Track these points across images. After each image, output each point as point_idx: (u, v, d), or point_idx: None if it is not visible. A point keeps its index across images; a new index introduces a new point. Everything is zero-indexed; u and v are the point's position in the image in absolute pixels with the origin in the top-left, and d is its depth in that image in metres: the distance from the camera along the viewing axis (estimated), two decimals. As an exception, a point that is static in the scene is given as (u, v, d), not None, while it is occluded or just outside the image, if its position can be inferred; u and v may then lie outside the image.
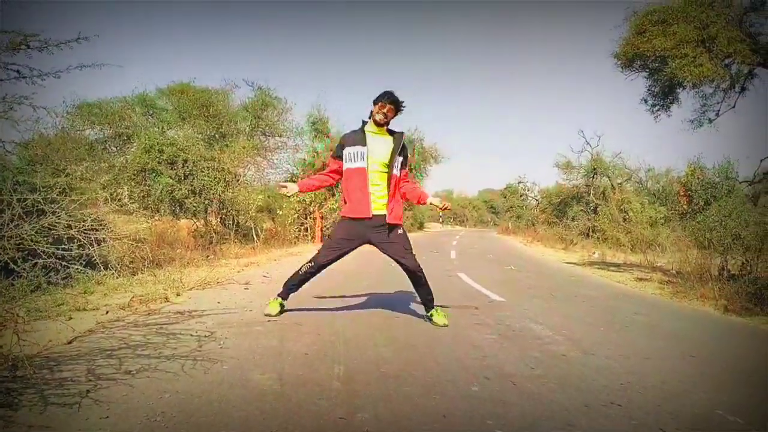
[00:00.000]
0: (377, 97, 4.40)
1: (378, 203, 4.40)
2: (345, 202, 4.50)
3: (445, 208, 4.68)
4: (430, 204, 4.73)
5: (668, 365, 3.63)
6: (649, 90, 11.04)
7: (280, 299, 4.70)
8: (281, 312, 4.67)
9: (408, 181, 4.69)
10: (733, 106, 10.51)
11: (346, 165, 4.47)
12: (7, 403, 2.34)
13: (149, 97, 16.03)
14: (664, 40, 9.11)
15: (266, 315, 4.59)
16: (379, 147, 4.43)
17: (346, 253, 4.56)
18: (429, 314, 4.67)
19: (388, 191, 4.42)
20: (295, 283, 4.69)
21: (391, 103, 4.38)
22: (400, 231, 4.52)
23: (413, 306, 5.42)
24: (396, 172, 4.46)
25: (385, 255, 4.59)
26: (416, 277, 4.61)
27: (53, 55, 2.88)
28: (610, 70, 11.08)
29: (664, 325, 5.28)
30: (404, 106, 4.48)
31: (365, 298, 5.91)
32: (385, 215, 4.40)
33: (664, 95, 10.89)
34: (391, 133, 4.51)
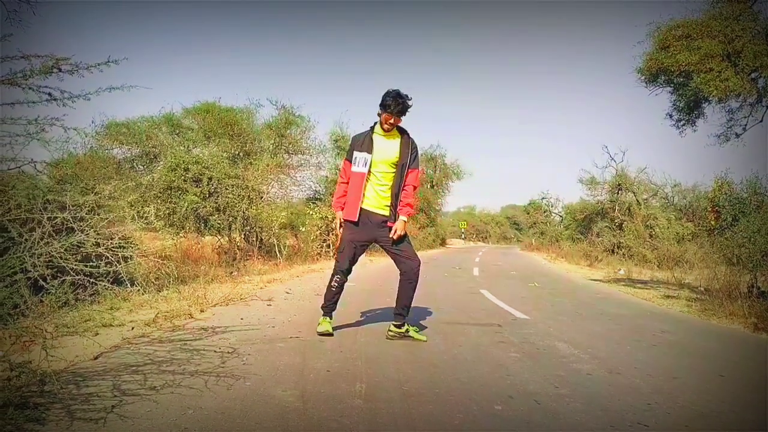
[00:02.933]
0: (382, 104, 4.33)
1: (381, 204, 4.44)
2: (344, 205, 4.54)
3: (394, 233, 4.43)
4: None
5: (697, 385, 3.55)
6: (674, 105, 10.92)
7: (327, 318, 4.68)
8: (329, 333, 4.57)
9: (409, 186, 4.49)
10: (761, 120, 10.32)
11: (353, 168, 4.47)
12: (34, 418, 2.38)
13: (175, 116, 16.35)
14: (689, 54, 9.02)
15: (320, 334, 4.53)
16: (386, 148, 4.43)
17: (360, 253, 4.63)
18: (393, 330, 4.63)
19: (392, 192, 4.42)
20: (331, 300, 4.67)
21: (398, 114, 4.33)
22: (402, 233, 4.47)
23: (434, 323, 5.39)
24: (402, 172, 4.42)
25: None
26: (408, 279, 4.59)
27: (83, 77, 2.97)
28: (634, 85, 10.98)
29: (693, 343, 5.17)
30: (411, 104, 4.37)
31: (386, 314, 5.89)
32: (388, 216, 4.42)
33: (689, 110, 10.75)
34: (401, 132, 4.49)
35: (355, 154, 4.47)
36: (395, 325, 4.61)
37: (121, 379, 3.04)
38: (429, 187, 32.35)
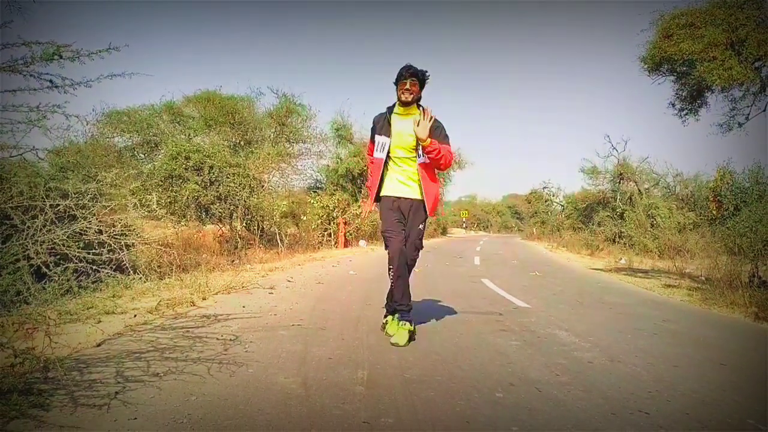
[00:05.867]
0: (397, 77, 4.07)
1: (410, 185, 4.20)
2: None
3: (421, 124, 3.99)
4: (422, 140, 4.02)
5: (697, 373, 3.56)
6: (676, 94, 10.89)
7: (409, 324, 4.13)
8: (411, 339, 4.06)
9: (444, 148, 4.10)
10: (764, 110, 10.28)
11: (375, 153, 4.27)
12: (38, 404, 2.40)
13: (176, 105, 16.34)
14: (692, 43, 8.97)
15: (394, 344, 3.93)
16: (404, 129, 4.12)
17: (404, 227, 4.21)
18: (385, 320, 4.43)
19: (419, 173, 4.16)
20: (401, 294, 4.18)
21: (412, 76, 4.02)
22: (424, 214, 4.24)
23: (438, 313, 5.41)
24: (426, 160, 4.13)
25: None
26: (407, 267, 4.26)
27: (84, 64, 2.96)
28: (637, 74, 10.93)
29: (693, 332, 5.18)
30: (428, 75, 4.12)
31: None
32: (415, 198, 4.20)
33: (692, 99, 10.72)
34: (421, 108, 4.13)
35: (377, 138, 4.24)
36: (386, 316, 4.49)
37: (124, 366, 3.06)
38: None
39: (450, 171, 33.24)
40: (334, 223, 16.89)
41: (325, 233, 16.67)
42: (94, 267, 2.93)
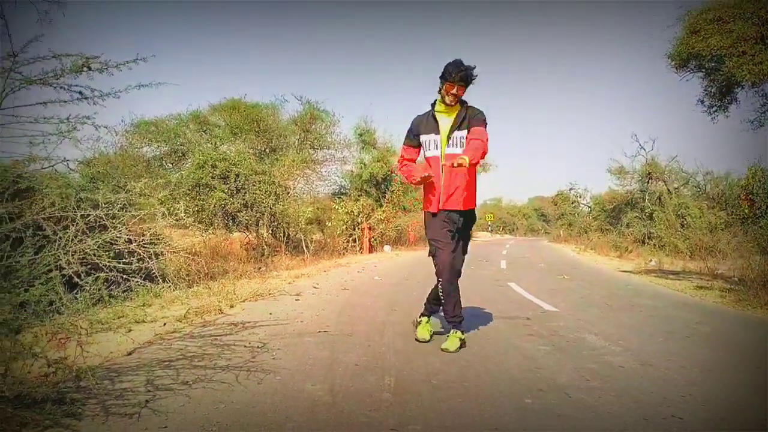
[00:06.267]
0: (444, 73, 3.91)
1: (457, 191, 4.02)
2: (426, 195, 4.17)
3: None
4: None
5: (732, 377, 3.47)
6: (705, 90, 10.65)
7: (460, 333, 4.09)
8: (461, 346, 4.01)
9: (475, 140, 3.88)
10: (797, 105, 10.02)
11: (426, 153, 4.10)
12: (71, 413, 2.44)
13: (202, 113, 16.58)
14: (721, 38, 8.77)
15: (430, 343, 4.11)
16: (445, 127, 4.02)
17: (455, 245, 4.09)
18: (419, 319, 4.42)
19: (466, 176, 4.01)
20: (451, 305, 4.11)
21: (461, 81, 3.88)
22: (471, 221, 4.20)
23: (465, 317, 5.37)
24: (458, 150, 3.93)
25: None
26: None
27: (113, 75, 3.01)
28: (664, 71, 10.74)
29: (727, 334, 5.06)
30: (476, 75, 3.94)
31: (413, 308, 5.88)
32: (461, 210, 4.06)
33: (721, 95, 10.48)
34: (462, 105, 4.04)
35: (423, 137, 4.10)
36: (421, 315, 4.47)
37: (154, 375, 3.10)
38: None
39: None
40: (358, 228, 16.94)
41: (350, 239, 16.72)
42: (124, 276, 2.98)
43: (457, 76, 3.86)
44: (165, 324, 4.57)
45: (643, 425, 2.53)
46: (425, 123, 4.10)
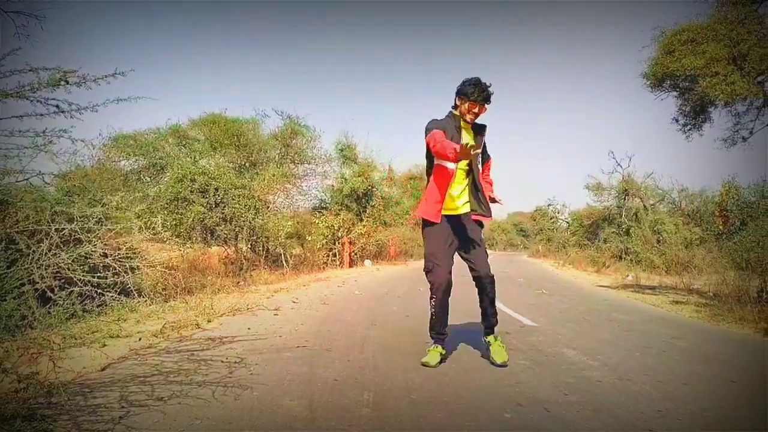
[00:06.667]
0: (465, 91, 3.89)
1: (464, 200, 4.04)
2: (424, 201, 4.08)
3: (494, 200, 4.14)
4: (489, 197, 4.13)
5: (708, 391, 3.51)
6: (680, 109, 10.89)
7: (439, 347, 4.09)
8: (441, 361, 4.01)
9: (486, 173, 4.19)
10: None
11: (439, 162, 3.94)
12: (42, 430, 2.38)
13: (182, 128, 16.47)
14: (694, 59, 9.00)
15: (423, 364, 3.93)
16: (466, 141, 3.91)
17: (451, 259, 4.11)
18: (487, 340, 4.23)
19: (470, 187, 4.03)
20: (438, 323, 4.16)
21: (484, 101, 3.89)
22: (480, 228, 4.15)
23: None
24: (479, 167, 4.06)
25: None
26: (482, 285, 4.25)
27: (91, 89, 2.99)
28: (640, 90, 10.95)
29: (703, 349, 5.12)
30: (492, 91, 3.91)
31: (394, 323, 5.87)
32: (469, 213, 4.06)
33: (695, 114, 10.72)
34: (474, 126, 4.06)
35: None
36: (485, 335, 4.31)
37: (128, 390, 3.04)
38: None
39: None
40: (339, 243, 16.89)
41: (330, 253, 16.66)
42: (98, 290, 2.93)
43: (481, 96, 3.85)
44: (140, 339, 4.50)
45: (620, 439, 2.54)
46: (451, 128, 3.92)
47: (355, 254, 17.47)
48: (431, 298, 4.10)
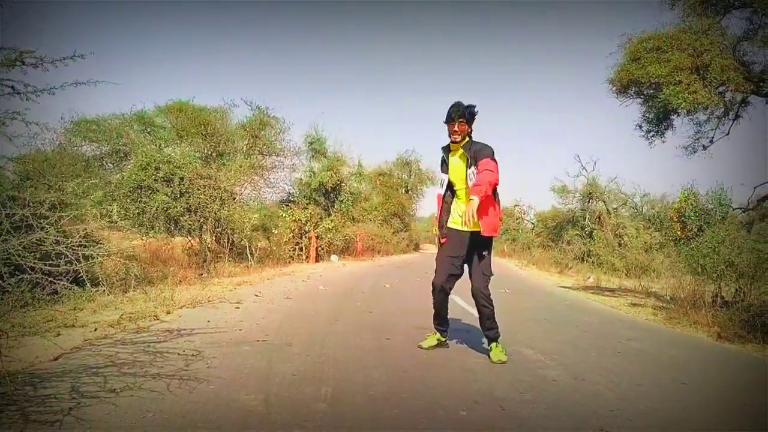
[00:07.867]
0: (446, 117, 4.21)
1: (462, 220, 4.21)
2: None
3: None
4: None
5: (660, 392, 3.60)
6: (644, 116, 11.12)
7: (437, 335, 4.66)
8: (438, 345, 4.61)
9: (483, 172, 4.06)
10: (727, 133, 10.61)
11: (442, 191, 4.48)
12: (-14, 420, 2.31)
13: (147, 114, 16.13)
14: (659, 67, 9.19)
15: (418, 346, 4.56)
16: (456, 166, 4.31)
17: (456, 269, 4.54)
18: (490, 347, 4.42)
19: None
20: (437, 316, 4.68)
21: (459, 118, 4.15)
22: (487, 244, 4.39)
23: (404, 328, 5.39)
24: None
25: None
26: (475, 298, 4.47)
27: (48, 72, 2.90)
28: (606, 95, 11.15)
29: (657, 351, 5.25)
30: (476, 111, 4.24)
31: (357, 319, 5.86)
32: (477, 231, 4.25)
33: (658, 121, 10.96)
34: (469, 142, 4.25)
35: (441, 175, 4.48)
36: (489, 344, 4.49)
37: (80, 381, 2.97)
38: (404, 191, 32.55)
39: (423, 187, 33.45)
40: (305, 237, 16.78)
41: (297, 247, 16.54)
42: (50, 279, 2.85)
43: (455, 113, 4.15)
44: (96, 329, 4.39)
45: (572, 437, 2.59)
46: (443, 159, 4.43)
47: (322, 249, 17.38)
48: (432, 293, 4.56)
